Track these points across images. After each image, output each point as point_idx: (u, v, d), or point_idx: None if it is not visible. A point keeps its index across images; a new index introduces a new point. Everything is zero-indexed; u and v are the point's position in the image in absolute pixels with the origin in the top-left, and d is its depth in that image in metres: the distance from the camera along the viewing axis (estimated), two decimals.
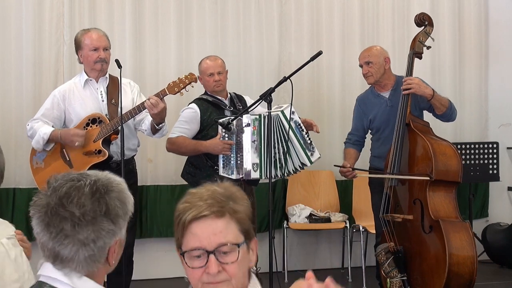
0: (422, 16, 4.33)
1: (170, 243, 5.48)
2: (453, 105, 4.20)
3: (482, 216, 6.06)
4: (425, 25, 4.28)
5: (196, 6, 5.47)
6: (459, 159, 3.96)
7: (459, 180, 3.95)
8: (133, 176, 4.08)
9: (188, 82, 3.79)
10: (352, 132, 4.52)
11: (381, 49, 4.35)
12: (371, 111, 4.37)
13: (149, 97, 3.72)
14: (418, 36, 4.26)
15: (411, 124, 4.03)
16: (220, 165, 3.96)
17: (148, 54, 5.37)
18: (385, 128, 4.26)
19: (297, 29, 5.69)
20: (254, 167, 3.94)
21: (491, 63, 6.09)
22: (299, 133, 3.99)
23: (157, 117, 3.72)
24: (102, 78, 3.96)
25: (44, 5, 5.16)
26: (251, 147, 3.92)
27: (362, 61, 4.31)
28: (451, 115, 4.20)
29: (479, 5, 6.05)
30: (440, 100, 4.11)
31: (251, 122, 3.94)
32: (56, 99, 3.93)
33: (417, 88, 4.04)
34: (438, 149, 3.91)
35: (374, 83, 4.31)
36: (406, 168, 4.03)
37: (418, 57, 4.26)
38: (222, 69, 4.27)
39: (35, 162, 3.95)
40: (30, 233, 5.89)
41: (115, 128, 3.75)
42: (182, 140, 4.06)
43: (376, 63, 4.25)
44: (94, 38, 3.88)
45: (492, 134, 6.03)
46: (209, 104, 4.13)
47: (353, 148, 4.45)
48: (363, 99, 4.48)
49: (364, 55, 4.33)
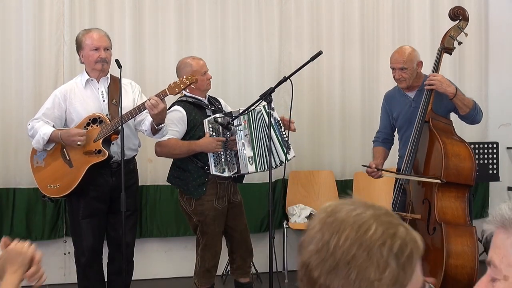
0: (457, 10, 4.16)
1: (170, 243, 5.52)
2: (478, 106, 4.08)
3: (482, 216, 6.04)
4: (459, 20, 4.13)
5: (196, 6, 5.47)
6: (473, 162, 3.87)
7: (472, 183, 3.88)
8: (134, 176, 4.09)
9: (188, 82, 3.80)
10: (380, 130, 4.44)
11: (414, 53, 4.18)
12: (395, 109, 4.29)
13: (149, 97, 3.72)
14: (450, 31, 4.11)
15: (430, 122, 3.95)
16: (211, 165, 3.96)
17: (148, 54, 5.37)
18: (408, 128, 4.14)
19: (297, 29, 5.69)
20: (250, 161, 3.97)
21: (491, 63, 6.09)
22: (277, 130, 4.06)
23: (157, 118, 3.72)
24: (103, 78, 3.97)
25: (44, 5, 5.16)
26: (245, 141, 3.95)
27: (396, 66, 4.13)
28: (475, 116, 4.07)
29: (479, 5, 6.05)
30: (463, 100, 3.99)
31: (241, 117, 3.97)
32: (57, 99, 3.93)
33: (439, 85, 3.94)
34: (452, 150, 3.84)
35: (406, 88, 4.19)
36: (422, 167, 3.97)
37: (448, 52, 4.12)
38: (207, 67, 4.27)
39: (35, 161, 3.96)
40: (30, 233, 5.87)
41: (116, 128, 3.75)
42: (174, 142, 4.01)
43: (410, 68, 4.10)
44: (95, 38, 3.88)
45: (492, 134, 6.02)
46: (191, 105, 4.11)
47: (381, 146, 4.36)
48: (390, 96, 4.38)
49: (398, 60, 4.12)
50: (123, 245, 3.68)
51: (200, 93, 4.17)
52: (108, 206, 3.92)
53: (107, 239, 4.04)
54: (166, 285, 5.37)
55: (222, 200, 4.07)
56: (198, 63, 4.18)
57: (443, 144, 3.83)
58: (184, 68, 4.16)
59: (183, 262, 5.38)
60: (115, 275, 3.98)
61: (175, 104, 4.16)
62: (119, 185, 3.64)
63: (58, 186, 3.85)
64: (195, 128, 4.05)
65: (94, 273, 3.95)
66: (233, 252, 4.28)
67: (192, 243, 5.52)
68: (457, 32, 4.12)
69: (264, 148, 4.00)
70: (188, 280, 4.97)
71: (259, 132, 4.03)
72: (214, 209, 4.04)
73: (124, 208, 3.61)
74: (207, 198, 4.04)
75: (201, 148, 3.98)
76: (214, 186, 4.04)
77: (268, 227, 4.21)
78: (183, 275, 5.33)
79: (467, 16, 4.17)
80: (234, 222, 4.19)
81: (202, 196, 4.03)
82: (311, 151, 5.65)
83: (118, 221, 3.70)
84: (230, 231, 4.23)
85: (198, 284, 4.17)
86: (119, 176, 3.67)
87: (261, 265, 5.13)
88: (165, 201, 5.39)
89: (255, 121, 4.02)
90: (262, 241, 5.26)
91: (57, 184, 3.85)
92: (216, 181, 4.03)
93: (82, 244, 3.89)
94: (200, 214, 4.06)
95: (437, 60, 4.11)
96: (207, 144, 3.96)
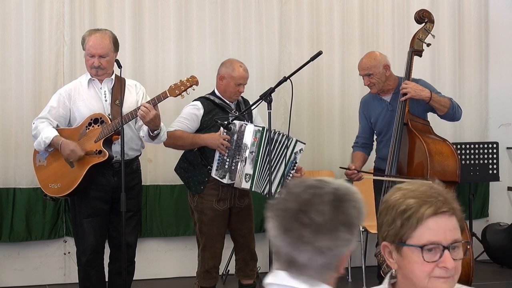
0: (422, 13, 4.27)
1: (170, 243, 5.52)
2: (455, 104, 4.15)
3: (482, 216, 6.06)
4: (425, 22, 4.24)
5: (196, 6, 5.47)
6: (456, 158, 3.93)
7: (457, 179, 3.92)
8: (137, 177, 4.08)
9: (189, 85, 3.80)
10: (359, 135, 4.49)
11: (379, 57, 4.23)
12: (373, 114, 4.35)
13: (141, 104, 3.73)
14: (417, 34, 4.22)
15: (409, 123, 4.01)
16: (214, 167, 3.96)
17: (148, 54, 5.37)
18: (387, 131, 4.20)
19: (297, 29, 5.69)
20: (246, 178, 3.94)
21: (491, 63, 6.09)
22: (289, 168, 4.06)
23: (150, 125, 3.73)
24: (107, 79, 3.97)
25: (44, 5, 5.16)
26: (248, 158, 3.93)
27: (361, 73, 4.23)
28: (453, 114, 4.14)
29: (479, 5, 6.05)
30: (439, 101, 4.07)
31: (254, 133, 3.95)
32: (62, 98, 3.93)
33: (412, 92, 4.01)
34: (434, 149, 3.89)
35: (378, 92, 4.25)
36: (405, 168, 4.02)
37: (418, 55, 4.22)
38: (247, 82, 4.24)
39: (38, 160, 3.97)
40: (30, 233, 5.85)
41: (116, 129, 3.75)
42: (180, 133, 4.04)
43: (377, 73, 4.17)
44: (91, 44, 3.86)
45: (492, 134, 6.03)
46: (215, 105, 4.13)
47: (360, 151, 4.41)
48: (366, 101, 4.44)
49: (363, 67, 4.21)
50: (123, 245, 3.68)
51: (228, 98, 4.18)
52: (111, 207, 3.92)
53: (109, 240, 4.04)
54: (166, 285, 5.37)
55: (224, 203, 4.07)
56: (239, 73, 4.15)
57: (426, 143, 3.88)
58: (225, 68, 4.17)
59: (183, 262, 5.38)
60: (116, 275, 3.98)
61: (199, 99, 4.17)
62: (121, 185, 3.63)
63: (59, 185, 3.85)
64: (210, 127, 4.05)
65: (95, 273, 3.95)
66: (236, 254, 4.32)
67: (192, 242, 5.53)
68: (424, 35, 4.22)
69: (267, 173, 3.94)
70: (188, 280, 4.98)
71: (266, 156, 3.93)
72: (213, 209, 4.04)
73: (124, 208, 3.61)
74: (208, 198, 4.04)
75: (204, 141, 3.98)
76: (216, 187, 4.04)
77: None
78: (183, 275, 5.33)
79: (433, 19, 4.28)
80: (238, 226, 4.20)
81: (202, 194, 4.03)
82: (311, 151, 5.64)
83: (121, 222, 3.69)
84: (234, 234, 4.26)
85: (198, 285, 4.17)
86: (121, 176, 3.67)
87: (261, 265, 5.13)
88: (165, 201, 5.39)
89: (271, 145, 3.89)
90: (262, 241, 5.25)
91: (58, 183, 3.85)
92: (219, 183, 4.03)
93: (83, 243, 3.89)
94: (200, 212, 4.08)
95: (409, 62, 4.17)
96: (211, 139, 3.96)
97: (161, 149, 5.26)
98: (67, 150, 3.76)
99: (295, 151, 4.03)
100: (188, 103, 4.28)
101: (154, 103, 3.74)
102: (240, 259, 4.27)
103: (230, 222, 4.18)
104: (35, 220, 5.14)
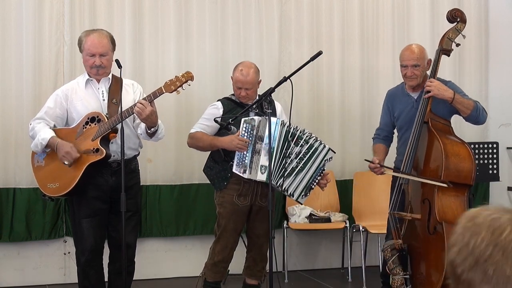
0: (455, 12, 4.19)
1: (170, 243, 5.52)
2: (480, 107, 4.07)
3: None
4: (457, 22, 4.15)
5: (196, 6, 5.47)
6: (473, 161, 3.89)
7: (471, 182, 3.90)
8: (136, 176, 4.07)
9: (184, 80, 3.79)
10: (380, 127, 4.44)
11: (425, 51, 4.18)
12: (397, 108, 4.29)
13: (138, 101, 3.73)
14: (447, 33, 4.13)
15: (429, 122, 3.97)
16: (234, 162, 3.99)
17: (148, 54, 5.37)
18: (408, 128, 4.14)
19: (297, 29, 5.69)
20: (262, 169, 3.96)
21: (491, 63, 6.09)
22: (317, 174, 4.06)
23: (147, 122, 3.73)
24: (104, 79, 3.97)
25: (44, 5, 5.16)
26: (263, 149, 3.95)
27: (408, 63, 4.11)
28: (477, 117, 4.07)
29: (479, 5, 6.05)
30: (463, 103, 4.00)
31: (274, 125, 3.95)
32: (59, 98, 3.93)
33: (436, 91, 3.96)
34: (452, 150, 3.86)
35: (416, 86, 4.17)
36: (421, 166, 3.99)
37: (446, 54, 4.13)
38: (252, 85, 4.15)
39: (36, 160, 3.96)
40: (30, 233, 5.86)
41: (113, 127, 3.75)
42: (200, 135, 4.11)
43: (423, 65, 4.11)
44: (92, 43, 3.86)
45: (492, 134, 6.03)
46: (235, 105, 4.16)
47: (381, 143, 4.36)
48: (392, 94, 4.38)
49: (411, 57, 4.10)
50: (123, 245, 3.67)
51: (239, 99, 4.19)
52: (110, 207, 3.92)
53: (108, 240, 4.04)
54: (165, 285, 5.37)
55: (244, 199, 4.09)
56: (235, 77, 4.16)
57: (443, 144, 3.85)
58: (233, 70, 4.21)
59: (183, 262, 5.39)
60: (116, 275, 3.98)
61: (221, 99, 4.24)
62: (119, 185, 3.63)
63: (58, 185, 3.85)
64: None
65: (94, 273, 3.94)
66: (247, 252, 4.34)
67: (192, 242, 5.54)
68: (455, 34, 4.14)
69: (283, 167, 3.98)
70: (188, 280, 4.98)
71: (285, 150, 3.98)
72: (233, 204, 4.08)
73: (124, 208, 3.60)
74: (229, 192, 4.09)
75: (221, 144, 4.03)
76: (238, 182, 4.06)
77: (268, 227, 4.22)
78: (183, 275, 5.33)
79: (465, 18, 4.19)
80: (254, 224, 4.21)
81: (225, 189, 4.08)
82: None
83: (120, 222, 3.69)
84: (249, 231, 4.29)
85: (204, 275, 4.19)
86: (119, 175, 3.66)
87: None
88: (165, 201, 5.40)
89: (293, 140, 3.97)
90: None
91: (57, 183, 3.85)
92: (241, 179, 4.04)
93: (82, 243, 3.89)
94: (220, 205, 4.13)
95: (436, 61, 4.11)
96: (228, 142, 4.00)
97: (161, 149, 5.27)
98: (62, 151, 3.76)
99: (326, 158, 4.05)
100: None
101: (150, 100, 3.73)
102: (250, 258, 4.28)
103: (249, 219, 4.19)
104: (35, 220, 5.14)
